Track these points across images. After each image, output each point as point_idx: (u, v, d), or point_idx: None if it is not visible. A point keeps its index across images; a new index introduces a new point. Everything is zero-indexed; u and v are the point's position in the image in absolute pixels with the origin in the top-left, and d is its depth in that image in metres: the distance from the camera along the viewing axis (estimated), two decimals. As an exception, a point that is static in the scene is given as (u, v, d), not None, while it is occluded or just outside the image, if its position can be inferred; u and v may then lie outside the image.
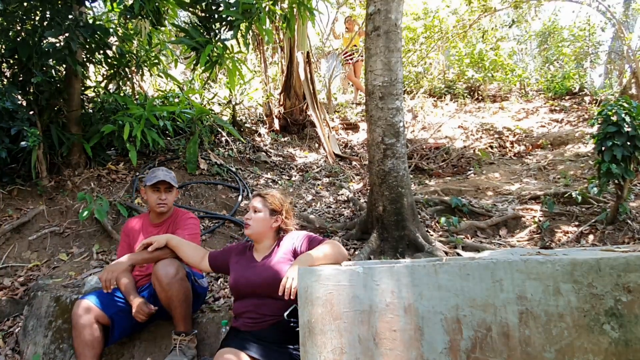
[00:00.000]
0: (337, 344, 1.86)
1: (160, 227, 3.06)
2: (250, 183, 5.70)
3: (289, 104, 7.58)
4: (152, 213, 3.10)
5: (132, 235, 3.07)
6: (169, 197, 3.02)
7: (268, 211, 2.56)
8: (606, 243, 4.13)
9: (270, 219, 2.55)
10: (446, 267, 1.87)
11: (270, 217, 2.55)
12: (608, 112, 4.03)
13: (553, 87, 9.34)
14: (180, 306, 2.68)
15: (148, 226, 3.08)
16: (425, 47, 10.05)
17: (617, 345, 1.71)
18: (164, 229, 3.04)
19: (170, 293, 2.61)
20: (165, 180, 2.98)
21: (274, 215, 2.56)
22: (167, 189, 3.01)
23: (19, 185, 4.79)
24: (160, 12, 4.73)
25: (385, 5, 4.04)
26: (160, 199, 2.99)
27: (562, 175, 5.94)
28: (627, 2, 11.84)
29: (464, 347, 1.79)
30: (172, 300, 2.64)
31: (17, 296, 3.68)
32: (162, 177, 2.97)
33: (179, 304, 2.67)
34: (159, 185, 2.99)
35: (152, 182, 2.96)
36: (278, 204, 2.58)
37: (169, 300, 2.64)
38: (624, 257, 1.77)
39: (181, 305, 2.68)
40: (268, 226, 2.55)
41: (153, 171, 3.05)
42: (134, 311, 2.64)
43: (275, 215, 2.56)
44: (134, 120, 4.84)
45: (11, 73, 4.99)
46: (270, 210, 2.56)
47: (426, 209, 4.98)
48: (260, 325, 2.35)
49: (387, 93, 4.06)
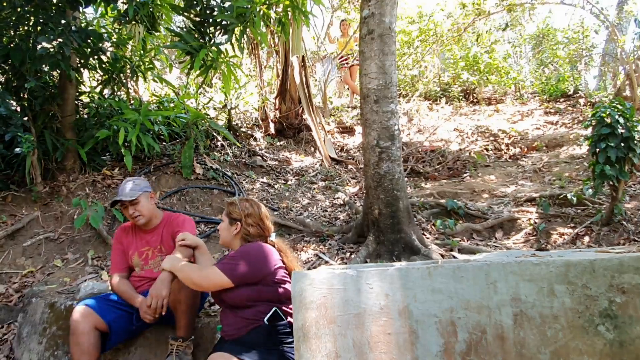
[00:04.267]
0: (331, 348, 1.85)
1: (152, 232, 3.03)
2: (246, 187, 5.69)
3: (284, 108, 7.58)
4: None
5: (125, 243, 3.04)
6: (137, 208, 2.92)
7: (227, 220, 2.58)
8: (602, 244, 4.14)
9: (230, 227, 2.56)
10: (440, 270, 1.87)
11: (230, 226, 2.56)
12: (602, 114, 4.05)
13: (548, 89, 9.39)
14: (188, 311, 2.66)
15: (140, 232, 3.05)
16: (420, 50, 10.09)
17: (612, 347, 1.71)
18: (157, 233, 3.02)
19: (180, 296, 2.59)
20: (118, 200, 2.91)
21: (233, 223, 2.56)
22: (131, 203, 2.92)
23: (13, 191, 4.77)
24: (155, 17, 4.72)
25: (380, 9, 4.06)
26: (130, 214, 2.93)
27: (557, 177, 5.96)
28: (620, 4, 11.92)
29: (458, 349, 1.78)
30: (180, 304, 2.62)
31: (11, 303, 3.65)
32: (121, 194, 2.91)
33: (187, 308, 2.65)
34: (124, 203, 2.93)
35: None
36: (237, 212, 2.56)
37: (178, 304, 2.62)
38: (618, 258, 1.77)
39: (188, 310, 2.66)
40: (230, 234, 2.56)
41: (120, 185, 3.00)
42: (141, 312, 2.62)
43: (234, 223, 2.55)
44: (129, 125, 4.83)
45: (5, 79, 4.97)
46: (230, 219, 2.57)
47: (422, 212, 4.98)
48: (240, 332, 2.33)
49: (382, 96, 4.06)
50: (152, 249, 3.00)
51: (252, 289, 2.33)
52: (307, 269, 4.04)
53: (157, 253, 2.98)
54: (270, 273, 2.36)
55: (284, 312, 2.38)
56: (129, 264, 3.02)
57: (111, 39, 5.43)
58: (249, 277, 2.32)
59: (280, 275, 2.41)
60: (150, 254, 2.99)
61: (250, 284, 2.33)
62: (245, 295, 2.33)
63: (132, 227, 3.09)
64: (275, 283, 2.38)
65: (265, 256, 2.39)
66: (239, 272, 2.31)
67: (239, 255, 2.40)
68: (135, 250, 3.00)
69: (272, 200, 5.55)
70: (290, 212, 5.25)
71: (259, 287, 2.34)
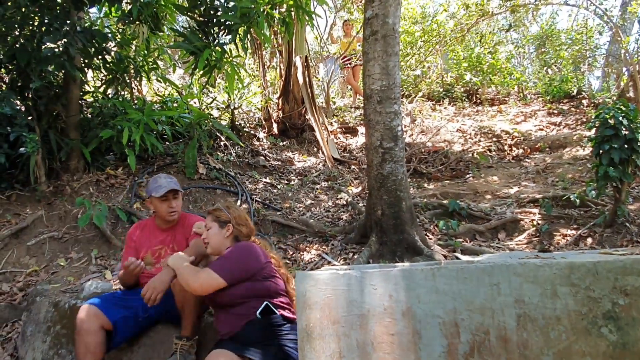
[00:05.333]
0: (335, 349, 1.85)
1: (168, 231, 3.03)
2: (249, 187, 5.70)
3: (287, 108, 7.59)
4: (158, 219, 3.06)
5: (138, 241, 3.04)
6: (178, 204, 2.98)
7: (217, 224, 2.63)
8: (604, 246, 4.14)
9: (222, 231, 2.62)
10: (444, 271, 1.87)
11: (221, 229, 2.62)
12: (606, 115, 4.04)
13: (551, 90, 9.37)
14: (194, 310, 2.67)
15: (155, 230, 3.05)
16: (423, 51, 10.08)
17: (615, 348, 1.71)
18: (172, 233, 3.02)
19: (188, 295, 2.59)
20: (174, 189, 2.94)
21: (224, 226, 2.63)
22: (175, 196, 2.97)
23: (18, 190, 4.79)
24: (159, 17, 4.75)
25: (383, 10, 4.06)
26: (171, 207, 2.95)
27: (561, 178, 5.95)
28: (624, 5, 11.88)
29: (462, 350, 1.79)
30: (188, 303, 2.63)
31: (15, 301, 3.67)
32: (168, 185, 2.92)
33: (194, 307, 2.66)
34: (167, 195, 2.94)
35: (160, 193, 2.90)
36: (225, 215, 2.64)
37: (185, 303, 2.63)
38: (622, 260, 1.78)
39: (195, 309, 2.67)
40: (222, 237, 2.62)
41: (155, 180, 2.99)
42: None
43: (225, 225, 2.63)
44: (133, 125, 4.84)
45: (10, 78, 5.00)
46: (220, 223, 2.63)
47: (425, 213, 4.98)
48: (235, 328, 2.39)
49: (385, 97, 4.07)
50: (165, 247, 3.01)
51: (243, 286, 2.40)
52: (309, 269, 4.05)
53: (170, 252, 2.98)
54: (260, 268, 2.45)
55: (275, 305, 2.44)
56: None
57: (115, 39, 5.44)
58: (241, 274, 2.40)
59: (270, 269, 2.50)
60: (163, 252, 3.00)
61: (242, 281, 2.40)
62: (239, 293, 2.40)
63: (147, 226, 3.09)
64: (265, 278, 2.46)
65: (254, 252, 2.50)
66: (231, 271, 2.39)
67: (229, 254, 2.49)
68: (148, 248, 3.00)
69: (275, 200, 5.56)
70: (293, 213, 5.25)
71: (250, 282, 2.41)
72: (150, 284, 2.53)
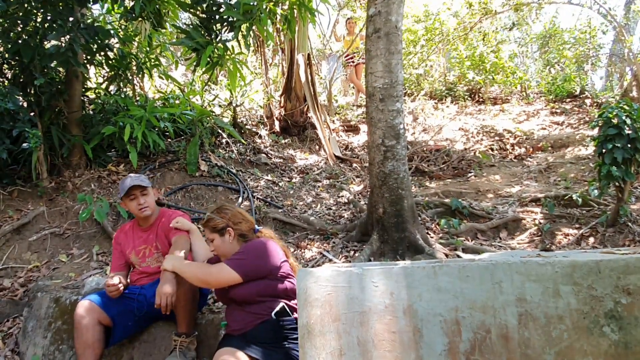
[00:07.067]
0: (336, 346, 1.85)
1: (149, 230, 3.08)
2: (251, 185, 5.70)
3: (289, 106, 7.58)
4: (138, 219, 3.11)
5: (123, 243, 3.10)
6: (147, 199, 2.99)
7: (217, 235, 2.58)
8: (607, 245, 4.12)
9: (225, 238, 2.58)
10: (445, 269, 1.87)
11: (223, 237, 2.58)
12: (609, 114, 4.02)
13: (554, 89, 9.34)
14: (187, 306, 2.68)
15: (137, 231, 3.11)
16: (426, 49, 10.05)
17: (617, 348, 1.70)
18: (153, 231, 3.06)
19: (179, 292, 2.60)
20: (137, 185, 2.95)
21: (224, 232, 2.58)
22: (142, 192, 2.99)
23: (20, 186, 4.80)
24: (161, 14, 4.73)
25: (386, 7, 4.05)
26: (139, 203, 2.97)
27: (563, 177, 5.94)
28: (628, 4, 11.85)
29: (463, 349, 1.78)
30: (179, 300, 2.63)
31: (16, 297, 3.67)
32: (131, 182, 2.95)
33: (186, 303, 2.67)
34: (133, 192, 2.96)
35: (124, 191, 2.94)
36: (220, 222, 2.59)
37: (176, 301, 2.63)
38: (624, 259, 1.77)
39: (188, 305, 2.68)
40: (228, 244, 2.59)
41: (122, 181, 3.03)
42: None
43: (225, 232, 2.58)
44: (135, 122, 4.85)
45: (12, 74, 5.00)
46: (219, 232, 2.58)
47: (426, 211, 4.97)
48: (247, 327, 2.37)
49: (387, 95, 4.06)
50: (149, 246, 3.06)
51: (260, 284, 2.37)
52: (311, 267, 4.05)
53: (154, 250, 3.04)
54: (276, 267, 2.42)
55: (291, 308, 2.42)
56: (128, 262, 3.09)
57: (118, 35, 5.44)
58: (256, 272, 2.37)
59: (286, 269, 2.47)
60: (147, 252, 3.05)
61: (258, 279, 2.37)
62: (255, 291, 2.37)
63: (130, 228, 3.15)
64: (282, 277, 2.43)
65: (271, 250, 2.45)
66: (247, 267, 2.36)
67: (245, 251, 2.45)
68: (132, 249, 3.06)
69: (276, 197, 5.56)
70: (294, 210, 5.25)
71: (266, 281, 2.38)
72: (160, 292, 2.53)
